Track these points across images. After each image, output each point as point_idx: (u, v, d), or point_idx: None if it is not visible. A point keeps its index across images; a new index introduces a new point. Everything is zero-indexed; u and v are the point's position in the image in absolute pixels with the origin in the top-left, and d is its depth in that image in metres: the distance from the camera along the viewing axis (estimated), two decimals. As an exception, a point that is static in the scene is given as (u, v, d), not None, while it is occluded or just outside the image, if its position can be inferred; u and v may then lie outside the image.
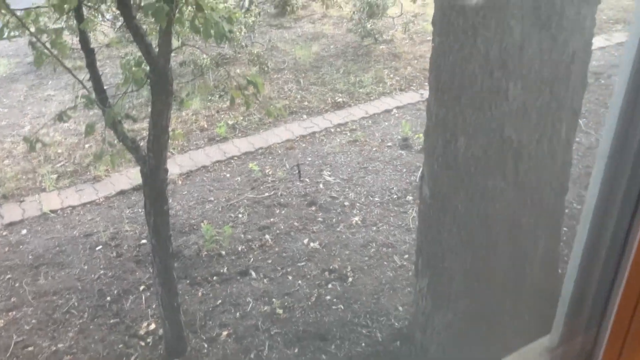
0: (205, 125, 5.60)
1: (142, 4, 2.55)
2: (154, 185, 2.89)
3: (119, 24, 6.45)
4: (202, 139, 5.43)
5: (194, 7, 2.34)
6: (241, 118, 5.67)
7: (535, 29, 2.24)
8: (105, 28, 6.76)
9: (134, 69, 2.56)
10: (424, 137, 2.78)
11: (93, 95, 2.77)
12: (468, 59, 2.35)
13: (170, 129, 5.19)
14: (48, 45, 2.64)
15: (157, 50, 2.65)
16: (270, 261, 3.88)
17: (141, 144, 3.01)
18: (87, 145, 5.37)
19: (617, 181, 0.98)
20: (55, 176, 4.88)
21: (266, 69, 6.46)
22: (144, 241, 4.10)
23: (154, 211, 2.93)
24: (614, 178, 0.99)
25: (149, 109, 2.97)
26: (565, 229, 3.99)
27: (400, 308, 3.42)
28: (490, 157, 2.46)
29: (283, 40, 7.34)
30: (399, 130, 5.42)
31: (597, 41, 6.83)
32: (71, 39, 3.82)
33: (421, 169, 2.90)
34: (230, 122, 5.59)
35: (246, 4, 7.15)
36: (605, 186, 1.01)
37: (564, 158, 2.58)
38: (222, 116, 5.73)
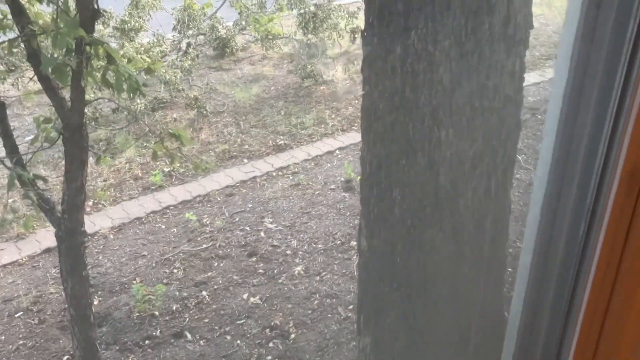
0: (140, 174, 5.35)
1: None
2: (71, 250, 2.64)
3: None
4: (136, 188, 5.17)
5: (105, 59, 2.17)
6: (178, 164, 5.45)
7: (464, 75, 2.17)
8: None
9: (42, 126, 2.35)
10: (360, 187, 2.66)
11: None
12: (397, 108, 2.26)
13: (101, 179, 4.94)
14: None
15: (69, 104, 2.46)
16: (207, 320, 3.64)
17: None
18: (10, 200, 5.02)
19: (558, 218, 0.88)
20: (-27, 236, 4.51)
21: (205, 112, 6.29)
22: (69, 304, 3.78)
23: (72, 278, 2.68)
24: (554, 214, 0.89)
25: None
26: (509, 269, 3.95)
27: (346, 365, 3.25)
28: (426, 207, 2.35)
29: (222, 83, 7.21)
30: (341, 172, 5.32)
31: (531, 77, 7.01)
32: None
33: (359, 221, 2.77)
34: (166, 169, 5.36)
35: (183, 46, 7.00)
36: (546, 220, 0.92)
37: (502, 204, 2.51)
38: (158, 163, 5.49)
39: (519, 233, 4.33)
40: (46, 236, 4.57)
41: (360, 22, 6.96)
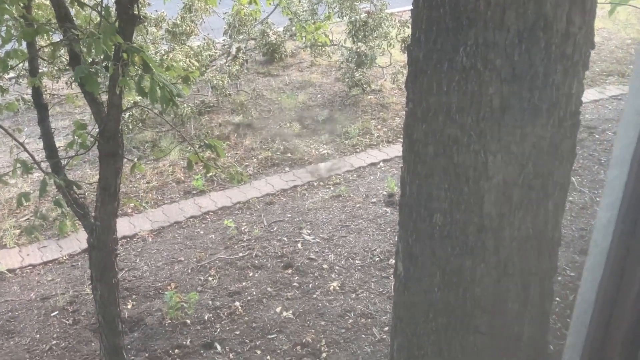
0: (182, 178, 5.36)
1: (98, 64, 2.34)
2: (101, 256, 2.62)
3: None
4: (177, 192, 5.18)
5: (141, 67, 2.12)
6: (220, 170, 5.43)
7: (516, 97, 2.01)
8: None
9: (78, 131, 2.33)
10: (399, 209, 2.53)
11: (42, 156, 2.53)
12: (442, 129, 2.12)
13: (145, 181, 4.96)
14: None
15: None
16: (238, 332, 3.57)
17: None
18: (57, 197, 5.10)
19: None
20: (18, 231, 4.60)
21: (250, 118, 6.26)
22: (103, 307, 3.79)
23: (101, 285, 2.65)
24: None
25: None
26: (557, 299, 3.72)
27: (377, 391, 3.11)
28: (469, 236, 2.20)
29: (269, 89, 7.18)
30: (384, 185, 5.18)
31: (590, 94, 6.68)
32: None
33: (397, 244, 2.63)
34: (208, 174, 5.35)
35: (233, 51, 7.01)
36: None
37: (552, 236, 2.32)
38: (200, 168, 5.48)
39: (569, 260, 4.09)
40: (84, 238, 4.61)
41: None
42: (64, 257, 4.39)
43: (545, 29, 1.91)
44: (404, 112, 6.79)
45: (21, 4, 2.33)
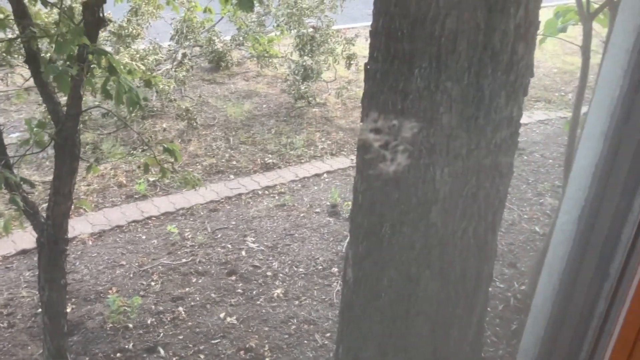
0: (124, 182, 5.29)
1: (55, 63, 2.34)
2: (51, 257, 2.59)
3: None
4: (119, 195, 5.11)
5: (107, 69, 2.15)
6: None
7: (463, 118, 2.20)
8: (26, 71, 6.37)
9: (35, 129, 2.32)
10: (349, 218, 2.66)
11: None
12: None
13: (85, 183, 4.87)
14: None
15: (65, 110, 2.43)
16: (181, 337, 3.58)
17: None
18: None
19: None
20: (-53, 231, 4.40)
21: (195, 124, 6.27)
22: (40, 310, 3.70)
23: (49, 286, 2.62)
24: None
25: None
26: (488, 309, 3.95)
27: (319, 394, 3.21)
28: (416, 244, 2.36)
29: (215, 96, 7.20)
30: (328, 195, 5.32)
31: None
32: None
33: (345, 249, 2.76)
34: (151, 179, 5.31)
35: (179, 56, 6.99)
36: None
37: (490, 247, 2.52)
38: (142, 172, 5.44)
39: (499, 272, 4.35)
40: (23, 237, 4.47)
41: (356, 48, 7.04)
42: (-3, 259, 4.24)
43: (492, 57, 2.11)
44: (348, 127, 6.88)
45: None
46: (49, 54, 2.52)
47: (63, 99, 2.61)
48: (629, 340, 0.78)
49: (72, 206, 4.65)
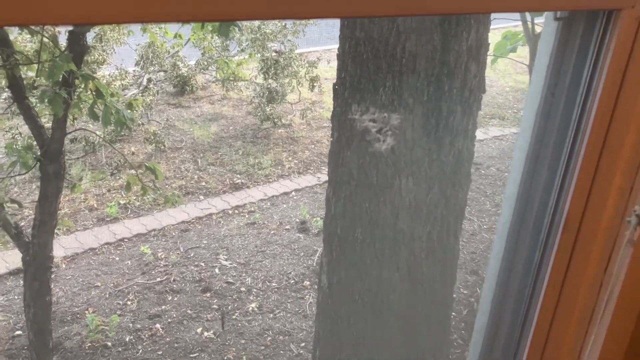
0: (95, 205, 5.35)
1: (38, 88, 2.47)
2: (37, 275, 2.68)
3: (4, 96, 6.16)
4: (90, 219, 5.16)
5: (94, 93, 2.30)
6: (134, 198, 5.48)
7: (424, 132, 2.42)
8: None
9: (22, 152, 2.43)
10: (323, 226, 2.84)
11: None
12: (363, 156, 2.48)
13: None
14: None
15: (49, 132, 2.55)
16: (160, 352, 3.66)
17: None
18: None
19: (519, 244, 1.09)
20: None
21: (163, 147, 6.37)
22: (18, 332, 3.73)
23: (35, 303, 2.70)
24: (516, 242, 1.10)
25: (34, 189, 2.80)
26: (453, 314, 4.18)
27: (297, 400, 3.34)
28: (385, 248, 2.55)
29: (181, 120, 7.32)
30: (297, 213, 5.49)
31: (476, 134, 7.47)
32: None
33: (320, 258, 2.93)
34: (122, 202, 5.38)
35: (144, 82, 7.10)
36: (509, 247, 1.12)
37: (453, 249, 2.74)
38: (114, 195, 5.51)
39: (462, 280, 4.59)
40: (-6, 263, 4.49)
41: (319, 71, 7.30)
42: (-30, 284, 4.24)
43: (448, 75, 2.35)
44: (312, 146, 7.08)
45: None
46: (32, 80, 2.64)
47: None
48: (543, 332, 0.97)
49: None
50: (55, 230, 4.79)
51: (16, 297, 4.06)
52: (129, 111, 2.37)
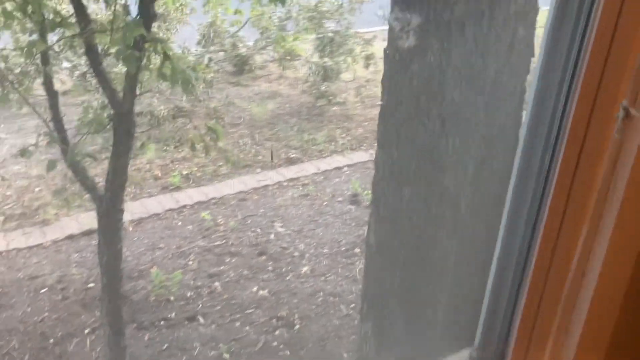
0: (159, 174, 5.67)
1: (111, 51, 2.70)
2: (109, 224, 2.95)
3: (77, 72, 6.58)
4: (155, 187, 5.49)
5: (162, 55, 2.51)
6: (195, 169, 5.77)
7: (471, 93, 2.50)
8: (62, 76, 6.81)
9: (98, 111, 2.68)
10: (372, 187, 2.97)
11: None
12: (412, 117, 2.59)
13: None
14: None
15: (121, 95, 2.79)
16: (218, 308, 3.91)
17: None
18: (36, 189, 5.33)
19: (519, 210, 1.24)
20: (1, 218, 4.81)
21: (222, 123, 6.63)
22: (91, 285, 4.07)
23: (107, 250, 2.97)
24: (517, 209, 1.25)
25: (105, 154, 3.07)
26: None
27: (345, 355, 3.51)
28: (431, 207, 2.66)
29: (240, 97, 7.58)
30: (349, 186, 5.63)
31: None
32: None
33: (369, 218, 3.07)
34: (184, 172, 5.68)
35: (205, 60, 7.38)
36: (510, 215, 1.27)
37: (496, 210, 2.81)
38: (177, 166, 5.82)
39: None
40: (69, 224, 4.87)
41: (374, 49, 7.37)
42: (48, 243, 4.62)
43: (496, 39, 2.42)
44: (366, 123, 7.18)
45: None
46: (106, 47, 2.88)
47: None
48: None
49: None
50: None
51: (88, 255, 4.41)
52: (193, 72, 2.57)
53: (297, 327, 3.76)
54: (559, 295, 1.08)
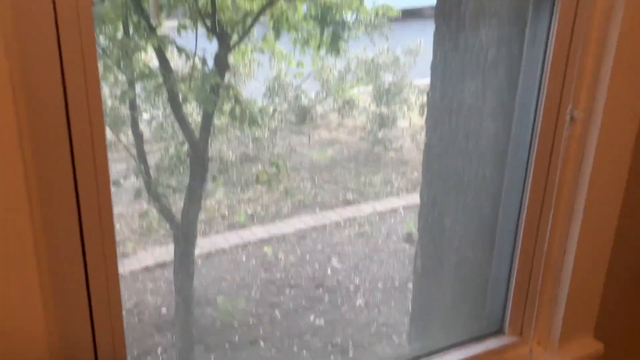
0: (226, 214, 6.12)
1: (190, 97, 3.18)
2: (185, 248, 3.34)
3: (153, 122, 7.26)
4: (222, 225, 5.93)
5: (233, 98, 2.95)
6: (259, 209, 6.19)
7: (505, 127, 2.78)
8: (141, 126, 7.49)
9: (178, 146, 3.13)
10: (417, 217, 3.25)
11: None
12: (451, 152, 2.88)
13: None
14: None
15: (197, 134, 3.24)
16: (278, 334, 4.21)
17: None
18: (117, 225, 5.88)
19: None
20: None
21: (285, 168, 7.08)
22: (164, 310, 4.46)
23: (181, 272, 3.36)
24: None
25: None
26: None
27: (396, 379, 3.70)
28: (470, 233, 2.91)
29: (301, 145, 8.05)
30: (403, 226, 5.88)
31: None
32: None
33: (416, 247, 3.33)
34: (249, 212, 6.11)
35: (270, 111, 7.94)
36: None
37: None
38: (242, 206, 6.26)
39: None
40: (145, 257, 5.34)
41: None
42: (126, 273, 5.10)
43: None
44: (421, 167, 7.38)
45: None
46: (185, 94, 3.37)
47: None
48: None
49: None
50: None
51: (162, 284, 4.84)
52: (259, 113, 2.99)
53: (351, 353, 3.99)
54: (545, 273, 1.35)
